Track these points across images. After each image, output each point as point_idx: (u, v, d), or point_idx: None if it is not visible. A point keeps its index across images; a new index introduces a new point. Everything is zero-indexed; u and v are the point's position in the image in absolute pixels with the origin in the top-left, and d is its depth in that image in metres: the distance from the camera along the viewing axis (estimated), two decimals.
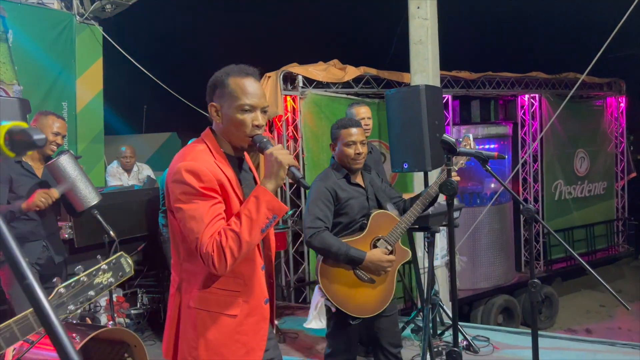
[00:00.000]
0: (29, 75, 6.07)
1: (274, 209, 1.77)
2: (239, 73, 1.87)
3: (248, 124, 1.84)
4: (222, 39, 11.35)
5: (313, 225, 2.83)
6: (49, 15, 6.43)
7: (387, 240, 2.91)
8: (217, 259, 1.72)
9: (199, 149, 1.86)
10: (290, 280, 6.74)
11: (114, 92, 7.55)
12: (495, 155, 2.81)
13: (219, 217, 1.78)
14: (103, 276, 1.74)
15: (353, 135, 2.91)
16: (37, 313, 0.72)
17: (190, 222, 1.76)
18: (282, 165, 1.78)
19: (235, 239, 1.73)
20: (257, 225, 1.75)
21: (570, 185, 9.75)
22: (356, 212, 2.94)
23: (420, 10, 5.67)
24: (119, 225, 3.94)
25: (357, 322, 2.85)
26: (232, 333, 1.86)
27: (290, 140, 6.93)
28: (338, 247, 2.79)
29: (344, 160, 2.95)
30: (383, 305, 2.92)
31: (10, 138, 0.72)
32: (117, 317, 4.30)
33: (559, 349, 4.45)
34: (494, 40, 11.32)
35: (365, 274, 2.86)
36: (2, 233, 0.72)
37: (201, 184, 1.75)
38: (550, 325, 8.50)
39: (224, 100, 1.86)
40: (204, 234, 1.73)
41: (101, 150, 7.01)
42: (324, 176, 3.01)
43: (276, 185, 1.80)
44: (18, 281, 0.73)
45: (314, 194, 2.92)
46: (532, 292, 2.58)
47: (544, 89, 9.15)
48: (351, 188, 2.96)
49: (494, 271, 8.13)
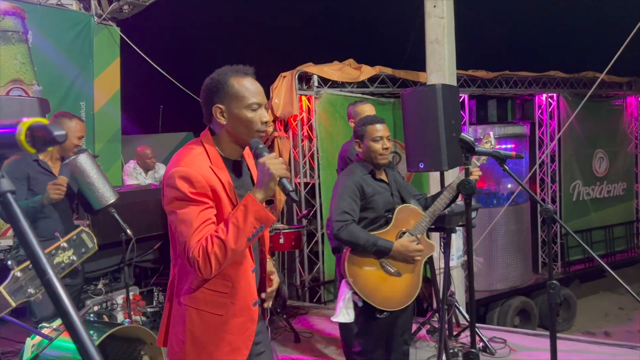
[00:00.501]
0: (48, 76, 6.15)
1: (261, 219, 1.80)
2: (238, 73, 1.91)
3: (257, 121, 1.88)
4: (239, 39, 11.40)
5: (341, 219, 2.87)
6: (67, 17, 6.51)
7: (413, 233, 2.93)
8: (202, 263, 1.77)
9: (196, 152, 1.89)
10: (304, 279, 6.74)
11: (130, 92, 7.62)
12: (514, 154, 2.78)
13: (208, 222, 1.82)
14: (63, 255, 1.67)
15: (379, 130, 3.00)
16: (57, 309, 0.72)
17: (180, 225, 1.81)
18: (272, 177, 1.80)
19: (221, 245, 1.76)
20: (243, 234, 1.78)
21: (589, 186, 9.62)
22: (381, 208, 2.98)
23: (437, 9, 5.63)
24: (135, 223, 3.98)
25: (384, 315, 2.86)
26: (218, 331, 1.90)
27: (305, 140, 6.93)
28: (366, 239, 2.83)
29: (371, 155, 3.00)
30: (409, 299, 2.94)
31: (31, 134, 0.73)
32: (133, 315, 4.33)
33: (577, 352, 4.39)
34: (511, 39, 11.22)
35: (392, 267, 2.88)
36: (23, 229, 0.72)
37: (192, 189, 1.79)
38: (567, 328, 8.39)
39: (230, 101, 1.88)
40: (192, 239, 1.78)
41: (118, 149, 7.08)
42: (349, 171, 3.06)
43: (265, 195, 1.82)
44: (38, 276, 0.73)
45: (341, 188, 2.96)
46: (550, 293, 2.55)
47: (562, 88, 9.04)
48: (376, 183, 3.01)
49: (510, 272, 8.05)
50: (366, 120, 3.08)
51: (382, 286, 2.87)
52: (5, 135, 0.74)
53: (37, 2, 6.19)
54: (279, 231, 4.97)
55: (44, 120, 0.74)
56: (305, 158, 6.90)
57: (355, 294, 2.83)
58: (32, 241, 0.73)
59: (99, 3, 6.74)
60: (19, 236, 0.75)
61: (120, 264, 4.63)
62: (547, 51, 11.05)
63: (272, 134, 6.71)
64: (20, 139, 0.73)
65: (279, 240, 4.95)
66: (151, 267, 5.31)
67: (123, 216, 3.66)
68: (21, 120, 0.73)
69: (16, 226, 0.75)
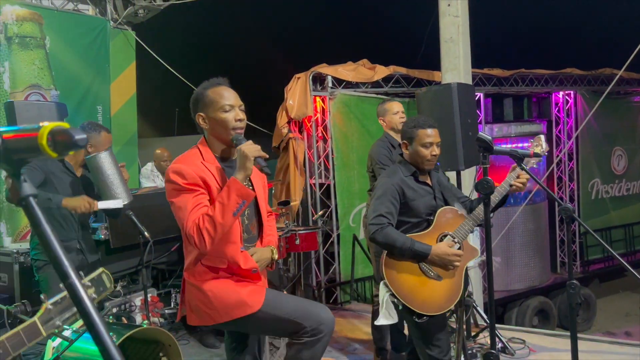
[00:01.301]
0: (65, 80, 6.23)
1: (242, 195, 2.11)
2: (213, 85, 2.27)
3: (231, 120, 2.22)
4: (252, 42, 11.44)
5: (376, 222, 2.80)
6: (84, 22, 6.58)
7: (454, 236, 2.86)
8: (197, 238, 2.10)
9: (191, 153, 2.28)
10: (320, 280, 6.74)
11: (147, 96, 7.69)
12: (531, 153, 2.75)
13: (201, 205, 2.14)
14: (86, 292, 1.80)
15: (431, 136, 2.88)
16: (79, 312, 0.73)
17: (178, 212, 2.17)
18: (247, 157, 2.12)
19: (210, 221, 2.08)
20: (228, 209, 2.08)
21: (608, 184, 9.49)
22: (422, 212, 2.90)
23: (451, 7, 5.60)
24: (153, 226, 4.00)
25: (423, 320, 2.77)
26: (228, 284, 2.24)
27: (319, 141, 6.93)
28: (403, 242, 2.75)
29: (417, 160, 2.92)
30: (450, 304, 2.84)
31: (52, 139, 0.73)
32: (151, 317, 4.36)
33: (597, 352, 4.33)
34: (527, 36, 11.11)
35: (432, 270, 2.81)
36: (45, 233, 0.73)
37: (185, 180, 2.14)
38: (587, 328, 8.28)
39: (207, 108, 2.24)
40: (188, 219, 2.12)
41: (135, 152, 7.14)
42: (391, 172, 2.98)
43: (245, 175, 2.13)
44: (61, 279, 0.74)
45: (381, 190, 2.89)
46: (570, 293, 2.52)
47: (579, 86, 8.92)
48: (418, 186, 2.93)
49: (528, 272, 7.97)
50: (417, 123, 2.93)
51: (421, 289, 2.79)
52: (27, 139, 0.75)
53: (54, 7, 6.27)
54: (294, 232, 4.97)
55: (65, 125, 0.75)
56: (320, 159, 6.90)
57: (394, 295, 2.76)
58: (54, 245, 0.74)
59: (114, 8, 6.81)
60: (41, 240, 0.76)
61: (138, 266, 4.67)
62: (564, 48, 10.92)
63: (286, 135, 6.72)
64: (42, 143, 0.74)
65: (294, 241, 4.95)
66: (169, 269, 5.35)
67: (140, 218, 3.69)
68: (42, 125, 0.74)
69: (38, 230, 0.75)
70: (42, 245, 0.76)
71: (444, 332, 2.89)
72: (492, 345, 2.39)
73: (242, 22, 11.50)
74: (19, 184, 0.76)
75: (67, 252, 2.66)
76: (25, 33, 5.89)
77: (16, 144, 0.76)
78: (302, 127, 6.87)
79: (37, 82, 5.96)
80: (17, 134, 0.76)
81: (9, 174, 0.77)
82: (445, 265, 2.80)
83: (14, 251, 4.96)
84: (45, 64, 6.05)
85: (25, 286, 4.87)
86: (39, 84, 5.97)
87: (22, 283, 4.89)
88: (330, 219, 6.84)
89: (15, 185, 0.76)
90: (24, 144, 0.75)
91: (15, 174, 0.77)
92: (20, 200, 0.76)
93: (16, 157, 0.76)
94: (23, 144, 0.75)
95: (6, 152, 0.75)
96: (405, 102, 7.25)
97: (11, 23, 5.75)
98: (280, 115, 6.70)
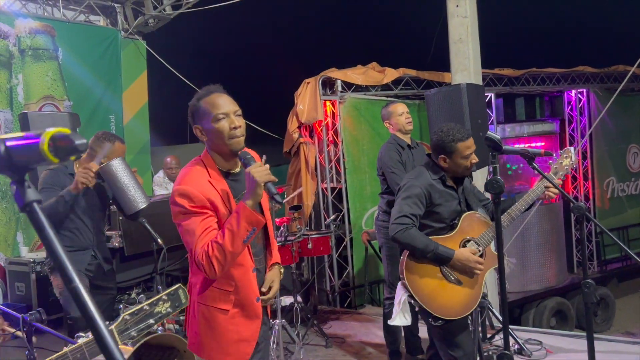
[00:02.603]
0: (78, 91, 6.32)
1: (252, 223, 2.02)
2: (205, 94, 2.18)
3: (226, 129, 2.09)
4: (261, 48, 11.50)
5: (400, 222, 2.77)
6: (95, 33, 6.68)
7: (478, 242, 2.84)
8: (206, 266, 2.03)
9: (196, 170, 2.15)
10: (334, 284, 6.73)
11: (158, 104, 7.75)
12: (542, 152, 2.73)
13: (209, 230, 2.07)
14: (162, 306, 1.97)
15: (470, 147, 2.86)
16: (83, 315, 0.74)
17: (185, 236, 2.09)
18: (258, 184, 2.01)
19: (220, 249, 2.01)
20: (238, 237, 2.00)
21: (624, 182, 9.36)
22: (447, 217, 2.88)
23: (460, 8, 5.58)
24: (166, 233, 4.01)
25: (439, 323, 2.75)
26: (226, 324, 2.17)
27: (330, 145, 6.93)
28: (426, 244, 2.72)
29: (458, 171, 2.88)
30: (468, 310, 2.81)
31: (54, 144, 0.74)
32: (166, 324, 4.39)
33: (616, 353, 4.26)
34: (538, 35, 11.03)
35: (452, 274, 2.79)
36: (49, 238, 0.74)
37: (192, 203, 2.06)
38: (606, 328, 8.16)
39: (202, 120, 2.14)
40: (197, 246, 2.04)
41: (148, 160, 7.21)
42: (417, 174, 2.95)
43: (254, 201, 2.03)
44: (65, 284, 0.75)
45: (406, 192, 2.86)
46: (586, 293, 2.49)
47: (592, 84, 8.83)
48: (445, 191, 2.90)
49: (545, 273, 7.88)
50: (455, 136, 2.83)
51: (440, 292, 2.77)
52: (30, 146, 0.76)
53: (66, 19, 6.36)
54: (306, 236, 4.97)
55: (66, 130, 0.76)
56: (331, 163, 6.91)
57: (411, 297, 2.74)
58: (58, 250, 0.75)
59: (125, 18, 6.90)
60: (46, 244, 0.77)
61: (152, 273, 4.70)
62: (575, 46, 10.83)
63: (297, 140, 6.74)
64: (43, 148, 0.75)
65: (307, 246, 4.95)
66: (183, 276, 5.38)
67: (153, 226, 3.71)
68: (45, 131, 0.75)
69: (42, 235, 0.76)
70: (47, 249, 0.78)
71: (466, 333, 2.86)
72: (506, 346, 2.37)
73: (251, 29, 11.57)
74: (23, 190, 0.77)
75: (82, 260, 2.68)
76: (38, 45, 5.98)
77: (19, 150, 0.77)
78: (313, 132, 6.89)
79: (51, 93, 6.06)
80: (19, 141, 0.77)
81: (13, 181, 0.78)
82: (466, 271, 2.78)
83: (30, 261, 5.04)
84: (58, 75, 6.14)
85: (42, 294, 4.94)
86: (53, 95, 6.06)
87: (39, 291, 4.95)
88: (342, 223, 6.83)
89: (20, 192, 0.77)
90: (27, 151, 0.77)
91: (20, 180, 0.78)
92: (24, 206, 0.77)
93: (20, 163, 0.77)
94: (26, 150, 0.77)
95: (9, 158, 0.76)
96: (416, 104, 7.24)
97: (24, 36, 5.85)
98: (290, 121, 6.73)
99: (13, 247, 5.63)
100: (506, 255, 7.14)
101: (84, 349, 1.71)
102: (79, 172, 3.28)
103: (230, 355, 2.20)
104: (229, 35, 11.54)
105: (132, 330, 1.82)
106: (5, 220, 5.61)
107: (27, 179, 0.79)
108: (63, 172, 3.48)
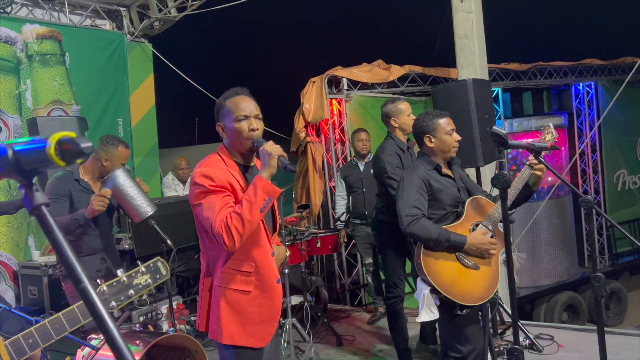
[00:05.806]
0: (86, 95, 6.36)
1: (269, 192, 2.14)
2: (231, 94, 2.32)
3: (245, 129, 2.25)
4: (267, 48, 11.52)
5: (410, 213, 2.78)
6: (101, 37, 6.72)
7: (486, 224, 2.84)
8: (226, 236, 2.10)
9: (214, 158, 2.31)
10: (345, 283, 6.73)
11: (166, 106, 7.79)
12: (549, 145, 2.72)
13: (228, 205, 2.17)
14: (142, 277, 2.02)
15: (450, 123, 2.95)
16: (92, 316, 0.75)
17: (206, 212, 2.17)
18: (271, 156, 2.16)
19: (238, 218, 2.10)
20: (255, 206, 2.11)
21: (635, 174, 9.29)
22: (448, 204, 2.90)
23: (464, 4, 5.57)
24: (176, 234, 4.05)
25: (465, 312, 2.73)
26: (248, 305, 2.26)
27: (337, 144, 6.94)
28: (439, 233, 2.73)
29: (445, 149, 2.93)
30: (490, 293, 2.80)
31: (60, 148, 0.76)
32: (177, 324, 4.42)
33: (628, 346, 4.24)
34: (544, 28, 10.96)
35: (469, 259, 2.78)
36: (58, 240, 0.75)
37: (213, 183, 2.17)
38: (619, 322, 8.11)
39: (224, 119, 2.29)
40: (216, 219, 2.12)
41: (156, 162, 7.24)
42: (413, 167, 2.99)
43: (270, 173, 2.17)
44: (74, 284, 0.76)
45: (406, 183, 2.88)
46: (595, 286, 2.48)
47: (600, 76, 8.77)
48: (442, 179, 2.93)
49: (555, 267, 7.84)
50: (434, 114, 2.97)
51: (462, 280, 2.75)
52: (38, 150, 0.77)
53: (72, 24, 6.41)
54: (315, 235, 4.98)
55: (72, 134, 0.77)
56: (339, 161, 6.91)
57: (433, 290, 2.71)
58: (67, 251, 0.76)
59: (130, 21, 6.93)
60: (54, 246, 0.79)
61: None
62: (582, 39, 10.74)
63: (304, 140, 6.75)
64: (50, 152, 0.76)
65: (315, 244, 4.96)
66: (193, 277, 5.41)
67: (163, 227, 3.73)
68: (51, 135, 0.77)
69: (51, 237, 0.78)
70: (55, 251, 0.79)
71: (476, 328, 2.86)
72: (516, 340, 2.36)
73: (256, 29, 11.59)
74: (31, 194, 0.78)
75: (92, 265, 2.71)
76: (46, 51, 6.03)
77: (27, 155, 0.78)
78: (320, 131, 6.89)
79: (59, 98, 6.10)
80: (27, 146, 0.79)
81: (22, 185, 0.80)
82: (481, 254, 2.78)
83: (42, 264, 5.08)
84: (66, 80, 6.18)
85: (54, 297, 4.98)
86: (61, 100, 6.10)
87: (51, 294, 5.00)
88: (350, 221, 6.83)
89: (29, 195, 0.78)
90: (34, 155, 0.78)
91: (28, 184, 0.79)
92: (33, 209, 0.78)
93: (28, 167, 0.79)
94: (33, 154, 0.78)
95: (18, 163, 0.78)
96: (422, 100, 7.23)
97: (31, 42, 5.90)
98: (297, 120, 6.74)
99: (25, 251, 5.69)
100: (516, 251, 7.12)
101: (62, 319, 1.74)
102: (95, 200, 3.30)
103: (253, 336, 2.26)
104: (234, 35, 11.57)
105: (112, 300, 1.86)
106: (16, 224, 5.66)
107: (35, 183, 0.80)
108: (69, 179, 3.50)
